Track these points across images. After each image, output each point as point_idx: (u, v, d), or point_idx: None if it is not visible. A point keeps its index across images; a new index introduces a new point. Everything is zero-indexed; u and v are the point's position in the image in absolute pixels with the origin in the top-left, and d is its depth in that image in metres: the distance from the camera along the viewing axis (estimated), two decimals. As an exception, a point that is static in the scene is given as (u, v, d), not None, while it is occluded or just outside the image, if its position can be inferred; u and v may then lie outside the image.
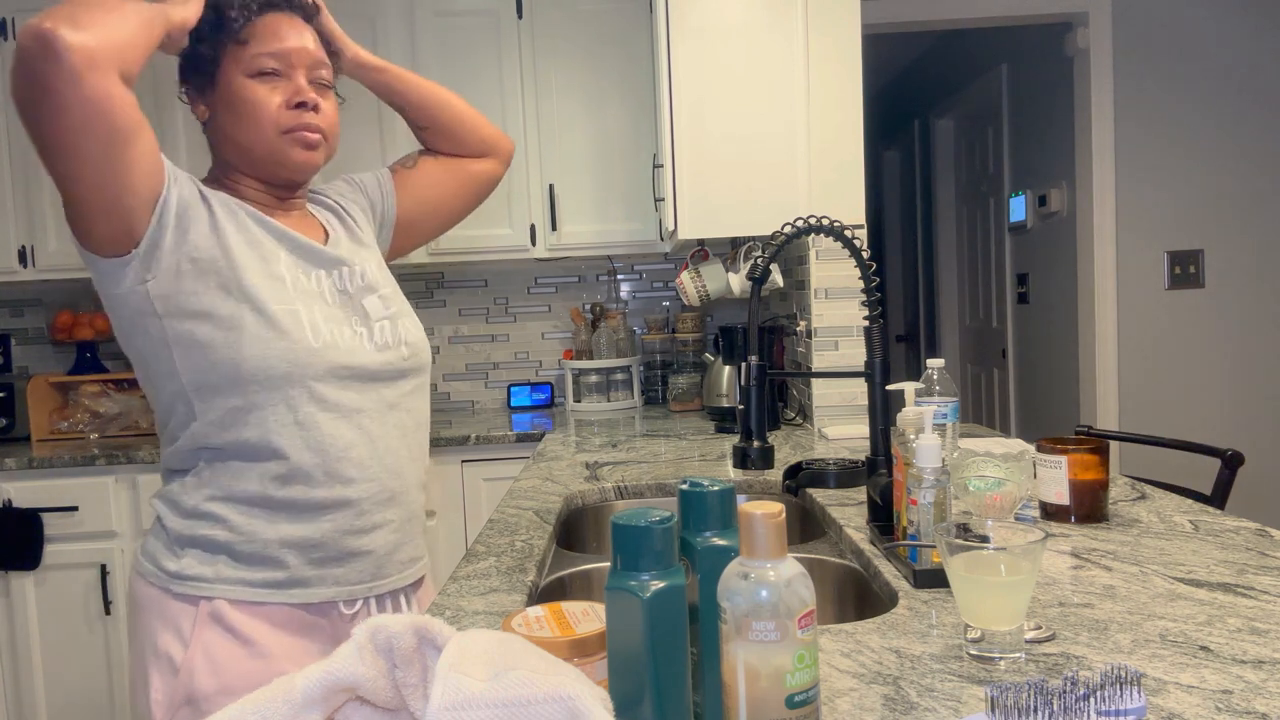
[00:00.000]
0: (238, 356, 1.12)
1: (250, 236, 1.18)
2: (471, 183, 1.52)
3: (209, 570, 1.15)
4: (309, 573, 1.18)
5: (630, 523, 0.66)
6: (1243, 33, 3.43)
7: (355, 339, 1.20)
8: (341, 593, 1.20)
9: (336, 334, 1.18)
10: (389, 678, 0.59)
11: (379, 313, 1.25)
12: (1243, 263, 3.50)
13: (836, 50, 2.37)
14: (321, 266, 1.23)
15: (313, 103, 1.20)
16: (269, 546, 1.16)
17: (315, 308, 1.18)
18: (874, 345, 1.40)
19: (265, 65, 1.18)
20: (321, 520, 1.17)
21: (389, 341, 1.24)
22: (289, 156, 1.20)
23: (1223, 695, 0.77)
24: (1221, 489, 1.78)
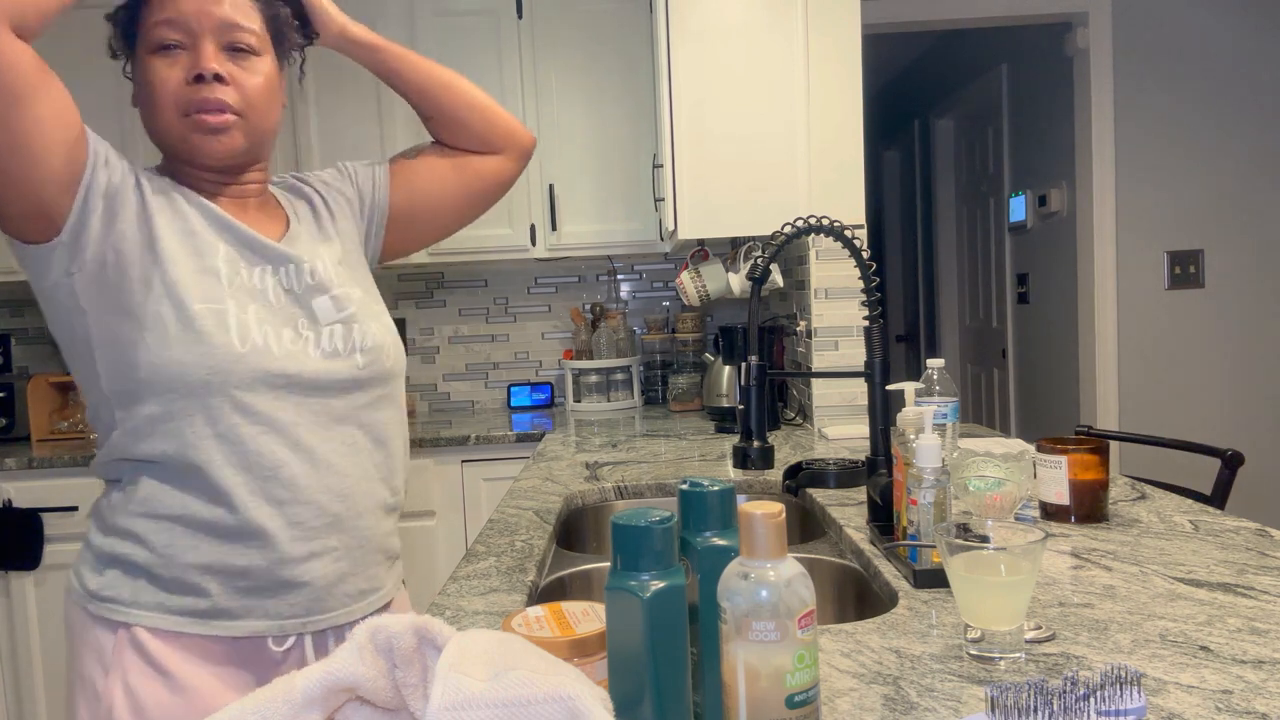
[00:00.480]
0: (156, 359, 1.01)
1: (186, 226, 1.07)
2: (479, 181, 1.34)
3: (128, 592, 1.05)
4: (233, 603, 1.05)
5: (630, 523, 0.66)
6: (1243, 33, 3.43)
7: (297, 344, 1.07)
8: (271, 627, 1.07)
9: (271, 338, 1.05)
10: (389, 678, 0.59)
11: (329, 315, 1.11)
12: (1243, 263, 3.50)
13: (836, 50, 2.37)
14: (267, 262, 1.10)
15: (211, 73, 1.03)
16: (189, 572, 1.04)
17: (251, 307, 1.06)
18: (874, 345, 1.40)
19: (164, 37, 1.03)
20: (248, 546, 1.04)
21: (339, 348, 1.10)
22: (192, 144, 1.06)
23: (1223, 695, 0.77)
24: (1221, 489, 1.78)
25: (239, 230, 1.10)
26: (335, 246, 1.20)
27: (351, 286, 1.16)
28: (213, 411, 1.02)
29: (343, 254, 1.20)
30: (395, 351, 1.17)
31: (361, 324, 1.13)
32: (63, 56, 2.93)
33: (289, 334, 1.07)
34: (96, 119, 2.98)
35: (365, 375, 1.12)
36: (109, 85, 3.03)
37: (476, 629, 0.61)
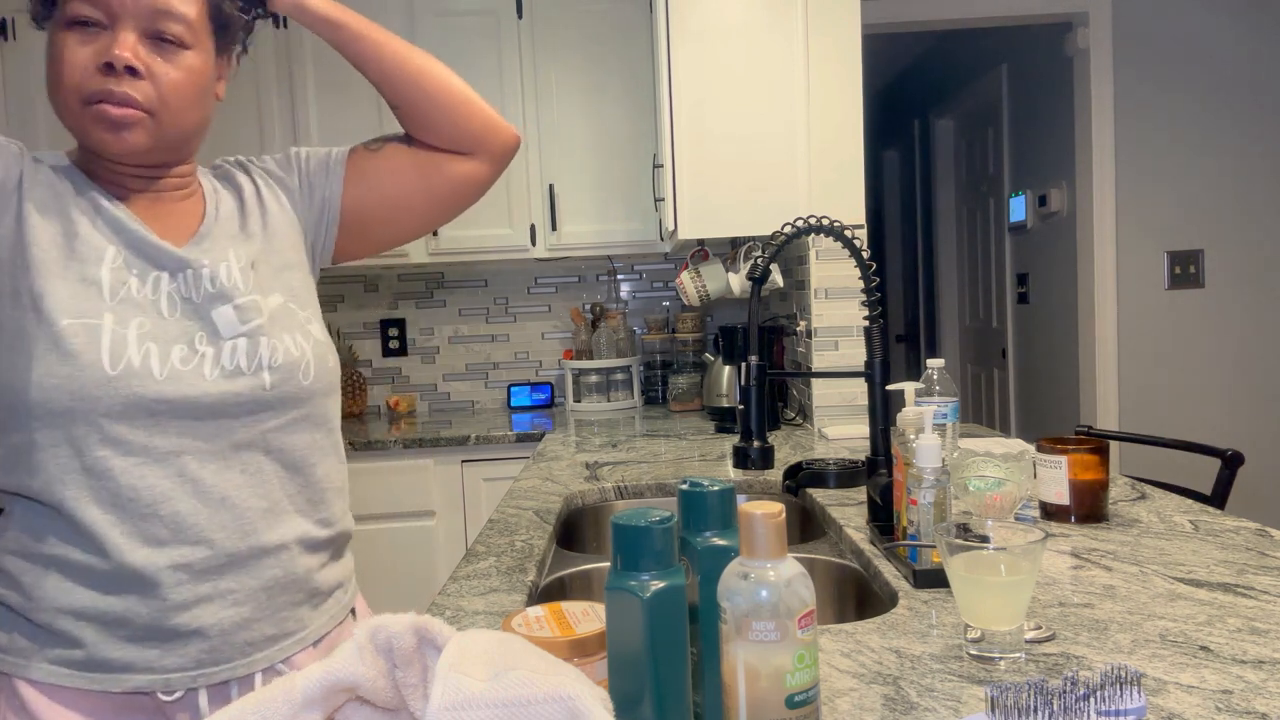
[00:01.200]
0: (16, 382, 0.89)
1: (69, 229, 0.94)
2: (446, 185, 1.17)
3: (4, 639, 0.94)
4: (113, 654, 0.92)
5: (630, 523, 0.66)
6: (1243, 33, 3.43)
7: (189, 362, 0.94)
8: (155, 682, 0.93)
9: (154, 356, 0.92)
10: (389, 678, 0.59)
11: (232, 329, 0.97)
12: (1243, 263, 3.50)
13: (836, 50, 2.37)
14: (162, 269, 0.97)
15: (123, 64, 0.90)
16: (61, 618, 0.92)
17: (134, 321, 0.92)
18: (874, 345, 1.40)
19: (80, 12, 0.90)
20: (125, 592, 0.92)
21: (242, 366, 0.96)
22: (90, 135, 0.93)
23: (1223, 695, 0.77)
24: (1221, 489, 1.78)
25: (133, 233, 0.96)
26: (253, 245, 1.05)
27: (266, 293, 1.02)
28: (78, 442, 0.90)
29: (261, 253, 1.05)
30: (317, 368, 1.02)
31: (271, 337, 0.99)
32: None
33: (180, 351, 0.94)
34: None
35: (274, 396, 0.98)
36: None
37: (476, 629, 0.61)
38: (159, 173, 1.01)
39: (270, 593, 0.98)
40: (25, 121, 2.96)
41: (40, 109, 2.96)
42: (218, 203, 1.06)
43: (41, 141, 2.96)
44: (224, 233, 1.03)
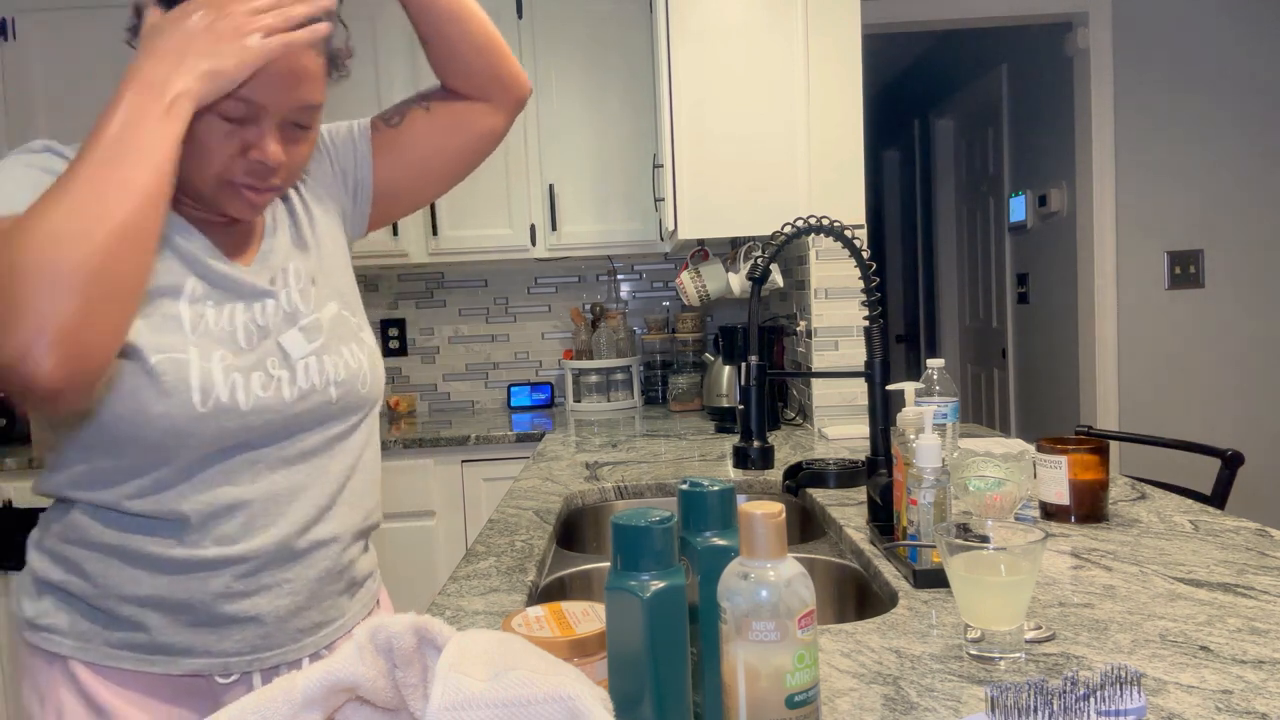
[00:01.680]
0: (107, 414, 0.91)
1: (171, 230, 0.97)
2: (467, 141, 1.20)
3: (64, 622, 0.98)
4: (174, 638, 0.97)
5: (630, 523, 0.66)
6: (1243, 32, 3.43)
7: (269, 388, 0.98)
8: (214, 665, 0.99)
9: (239, 388, 0.95)
10: (389, 678, 0.59)
11: (300, 350, 1.01)
12: (1242, 263, 3.50)
13: (836, 50, 2.37)
14: (239, 299, 0.99)
15: (275, 165, 0.94)
16: (126, 605, 0.96)
17: (216, 355, 0.95)
18: (874, 345, 1.40)
19: (230, 111, 0.91)
20: (190, 579, 0.96)
21: (315, 384, 1.01)
22: (224, 207, 0.96)
23: (1223, 695, 0.77)
24: (1221, 489, 1.78)
25: (206, 267, 0.98)
26: (310, 259, 1.09)
27: (323, 305, 1.06)
28: (165, 469, 0.94)
29: (317, 266, 1.09)
30: (371, 377, 1.08)
31: (333, 353, 1.04)
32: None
33: (259, 379, 0.97)
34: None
35: (339, 407, 1.04)
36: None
37: (476, 629, 0.61)
38: None
39: (321, 582, 1.04)
40: (25, 121, 2.96)
41: (40, 108, 2.96)
42: (274, 215, 1.08)
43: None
44: (283, 248, 1.06)
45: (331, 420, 1.04)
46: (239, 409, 0.95)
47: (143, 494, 0.94)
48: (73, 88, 2.97)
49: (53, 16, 2.93)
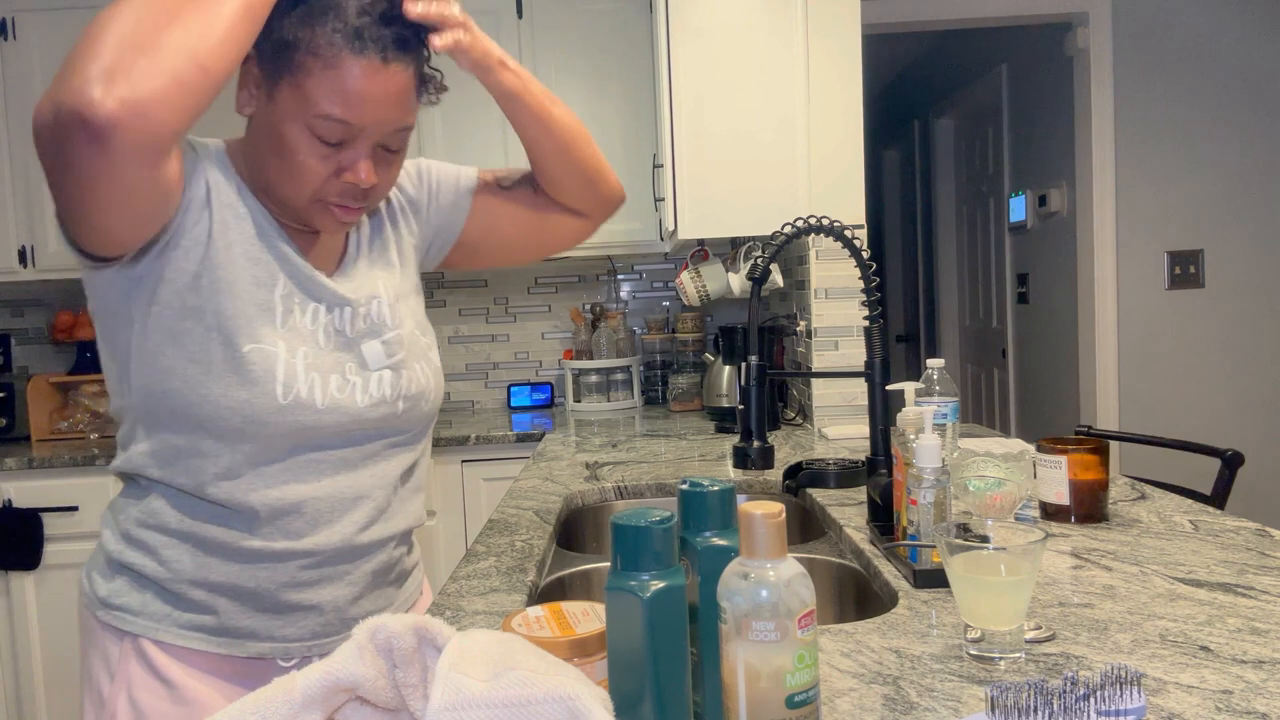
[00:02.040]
0: (192, 396, 0.95)
1: (250, 252, 0.99)
2: (556, 236, 1.27)
3: (135, 602, 1.02)
4: (241, 622, 1.03)
5: (630, 523, 0.66)
6: (1243, 32, 3.43)
7: (344, 391, 1.02)
8: (276, 649, 1.05)
9: (317, 387, 1.00)
10: (389, 678, 0.59)
11: (378, 361, 1.06)
12: (1243, 263, 3.50)
13: (837, 50, 2.37)
14: (321, 301, 1.04)
15: (367, 187, 0.98)
16: (197, 589, 1.01)
17: (300, 350, 0.99)
18: (874, 345, 1.40)
19: (328, 135, 0.94)
20: (258, 568, 1.02)
21: (386, 395, 1.06)
22: (312, 221, 1.01)
23: (1223, 695, 0.77)
24: (1221, 489, 1.78)
25: (296, 266, 1.02)
26: (394, 277, 1.14)
27: (404, 323, 1.11)
28: (237, 454, 0.98)
29: (401, 282, 1.14)
30: (436, 394, 1.14)
31: (408, 369, 1.09)
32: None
33: (336, 381, 1.02)
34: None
35: (404, 420, 1.10)
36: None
37: (476, 629, 0.61)
38: None
39: (376, 576, 1.11)
40: (25, 121, 2.96)
41: (40, 109, 2.96)
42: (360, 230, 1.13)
43: (41, 141, 2.95)
44: (367, 264, 1.12)
45: (395, 431, 1.09)
46: (315, 405, 0.99)
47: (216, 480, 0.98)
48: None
49: (53, 16, 2.93)
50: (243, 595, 1.02)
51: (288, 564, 1.02)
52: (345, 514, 1.05)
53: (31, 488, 2.69)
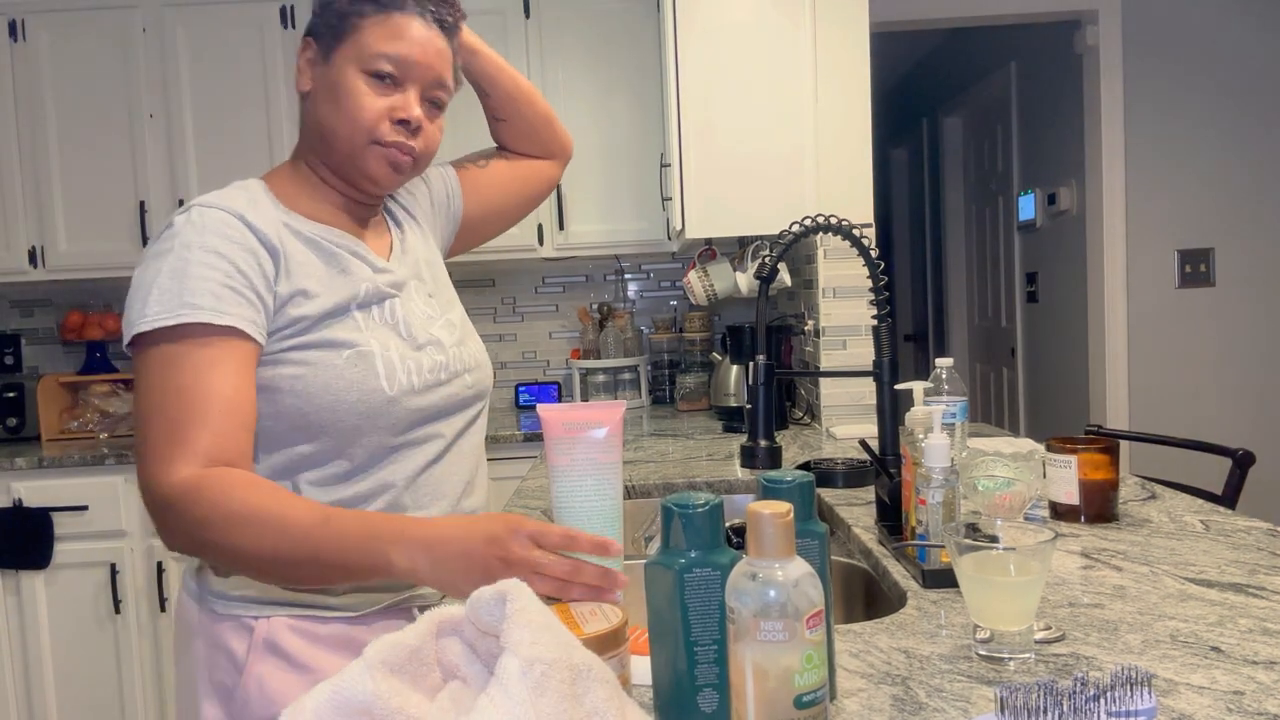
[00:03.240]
0: (305, 405, 1.01)
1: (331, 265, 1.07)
2: (537, 185, 1.42)
3: (256, 590, 1.04)
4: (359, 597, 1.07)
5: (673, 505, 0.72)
6: (1253, 30, 3.41)
7: (435, 373, 1.10)
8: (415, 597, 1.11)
9: (414, 374, 1.07)
10: (402, 695, 0.59)
11: (451, 339, 1.15)
12: (1253, 261, 3.48)
13: (845, 48, 2.36)
14: (397, 291, 1.12)
15: (417, 123, 1.07)
16: None
17: (392, 343, 1.07)
18: (882, 344, 1.40)
19: (382, 68, 1.05)
20: None
21: (457, 370, 1.14)
22: (369, 167, 1.08)
23: (1234, 696, 0.77)
24: (1232, 489, 1.77)
25: (368, 260, 1.11)
26: (438, 262, 1.25)
27: (454, 308, 1.21)
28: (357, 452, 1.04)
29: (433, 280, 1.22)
30: (490, 368, 1.22)
31: (467, 344, 1.18)
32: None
33: (427, 364, 1.09)
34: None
35: (472, 394, 1.16)
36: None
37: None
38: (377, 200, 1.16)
39: None
40: (36, 122, 2.97)
41: (50, 109, 2.97)
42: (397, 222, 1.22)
43: (50, 141, 2.97)
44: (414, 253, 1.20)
45: (469, 407, 1.16)
46: (415, 389, 1.07)
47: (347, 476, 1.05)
48: (83, 88, 2.98)
49: (63, 18, 2.95)
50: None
51: None
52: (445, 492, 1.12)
53: (41, 487, 2.70)
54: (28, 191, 2.99)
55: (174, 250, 0.97)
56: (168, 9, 2.95)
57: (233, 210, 1.01)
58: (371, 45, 1.05)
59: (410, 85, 1.07)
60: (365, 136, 1.06)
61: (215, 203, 1.02)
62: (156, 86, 2.97)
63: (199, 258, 0.97)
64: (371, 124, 1.05)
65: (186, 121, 2.99)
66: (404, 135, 1.07)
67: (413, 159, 1.09)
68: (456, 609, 0.64)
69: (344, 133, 1.06)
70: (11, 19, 2.94)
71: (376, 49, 1.05)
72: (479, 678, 0.62)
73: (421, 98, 1.09)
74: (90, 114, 2.98)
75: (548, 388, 3.38)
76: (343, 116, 1.06)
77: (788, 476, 0.77)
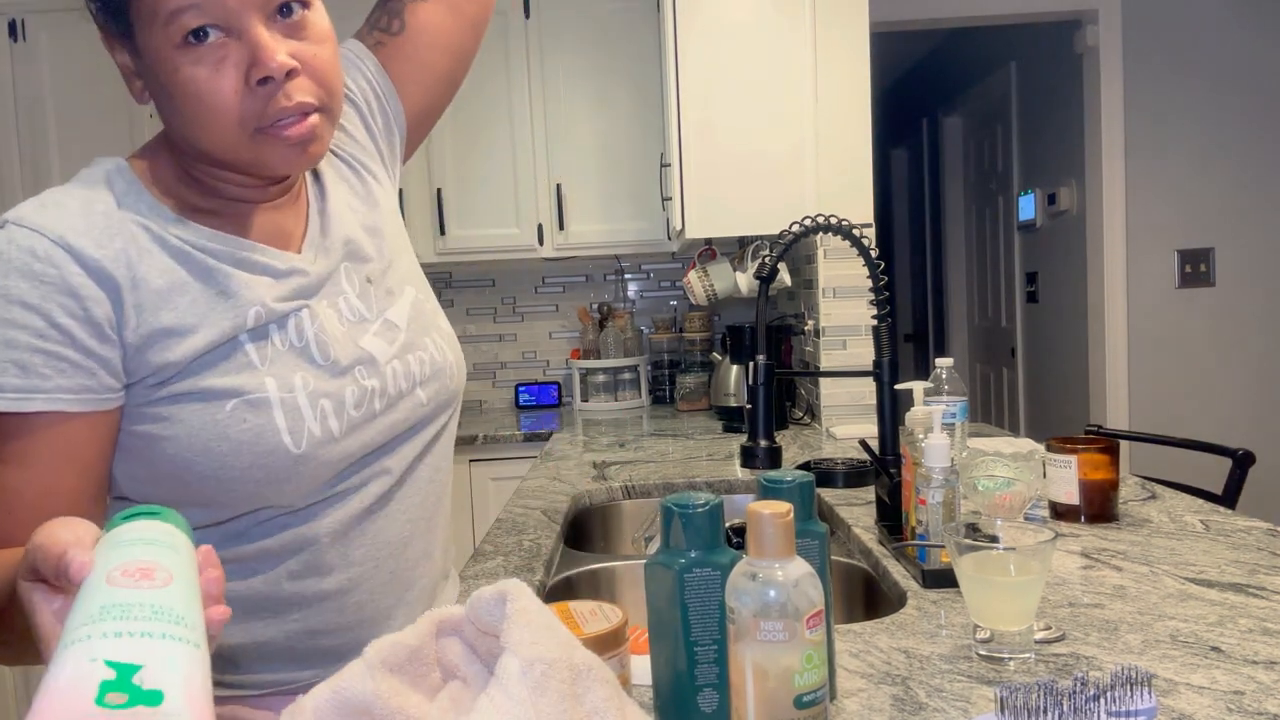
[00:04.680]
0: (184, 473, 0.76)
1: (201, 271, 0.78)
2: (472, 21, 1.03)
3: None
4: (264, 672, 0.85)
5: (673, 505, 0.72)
6: (1252, 30, 3.41)
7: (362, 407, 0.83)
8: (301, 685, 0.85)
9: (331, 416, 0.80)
10: (403, 696, 0.59)
11: (384, 353, 0.86)
12: (1253, 261, 3.48)
13: (845, 48, 2.36)
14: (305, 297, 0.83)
15: (280, 72, 0.73)
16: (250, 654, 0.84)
17: (298, 379, 0.79)
18: (882, 344, 1.40)
19: (189, 22, 0.72)
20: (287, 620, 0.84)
21: (403, 388, 0.87)
22: (275, 165, 0.78)
23: (1234, 696, 0.77)
24: (1233, 489, 1.77)
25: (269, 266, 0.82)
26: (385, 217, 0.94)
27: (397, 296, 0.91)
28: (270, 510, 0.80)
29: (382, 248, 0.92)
30: (455, 364, 0.95)
31: (417, 348, 0.90)
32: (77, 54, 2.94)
33: (353, 396, 0.82)
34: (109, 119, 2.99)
35: (430, 411, 0.91)
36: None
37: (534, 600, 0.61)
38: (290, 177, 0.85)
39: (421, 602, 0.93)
40: (35, 123, 2.98)
41: (50, 109, 2.97)
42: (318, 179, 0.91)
43: (51, 141, 2.97)
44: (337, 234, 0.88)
45: (425, 426, 0.91)
46: (334, 437, 0.80)
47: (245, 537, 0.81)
48: (83, 88, 2.98)
49: (63, 18, 2.95)
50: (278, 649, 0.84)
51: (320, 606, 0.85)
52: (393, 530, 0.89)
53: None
54: (28, 191, 2.99)
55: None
56: (168, 9, 2.95)
57: (50, 233, 0.72)
58: (156, 6, 0.72)
59: (244, 20, 0.73)
60: (238, 129, 0.75)
61: (31, 220, 0.73)
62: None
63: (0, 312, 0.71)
64: (235, 110, 0.74)
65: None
66: (280, 99, 0.74)
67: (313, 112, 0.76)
68: (456, 609, 0.64)
69: (216, 139, 0.76)
70: (11, 19, 2.94)
71: (166, 6, 0.72)
72: (479, 678, 0.62)
73: (267, 23, 0.74)
74: (90, 114, 2.98)
75: (548, 388, 3.38)
76: (194, 124, 0.75)
77: (788, 476, 0.77)
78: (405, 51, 0.97)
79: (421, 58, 0.98)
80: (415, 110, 0.99)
